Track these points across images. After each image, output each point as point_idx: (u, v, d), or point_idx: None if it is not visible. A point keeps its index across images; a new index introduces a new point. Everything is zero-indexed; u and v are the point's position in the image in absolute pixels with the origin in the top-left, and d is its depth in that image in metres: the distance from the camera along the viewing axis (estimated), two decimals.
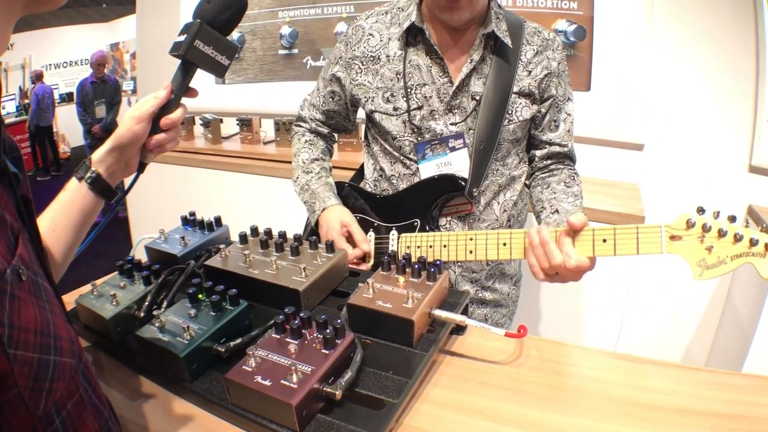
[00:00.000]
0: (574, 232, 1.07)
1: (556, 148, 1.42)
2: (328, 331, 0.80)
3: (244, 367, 0.80)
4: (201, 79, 0.92)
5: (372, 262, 1.34)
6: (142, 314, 1.02)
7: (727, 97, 2.29)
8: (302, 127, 1.59)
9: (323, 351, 0.79)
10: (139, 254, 1.28)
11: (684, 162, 2.40)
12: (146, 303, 1.03)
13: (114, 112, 6.18)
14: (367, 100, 1.38)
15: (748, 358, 1.95)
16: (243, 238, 1.18)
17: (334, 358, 0.78)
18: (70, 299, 1.09)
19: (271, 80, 3.46)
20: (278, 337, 0.84)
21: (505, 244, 1.16)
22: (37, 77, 9.13)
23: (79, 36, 11.36)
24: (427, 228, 1.32)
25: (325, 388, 0.76)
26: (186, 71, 0.92)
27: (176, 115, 0.93)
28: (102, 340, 1.03)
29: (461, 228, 1.38)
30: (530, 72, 1.32)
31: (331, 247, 1.09)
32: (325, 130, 1.58)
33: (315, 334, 0.83)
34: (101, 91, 6.08)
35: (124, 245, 3.64)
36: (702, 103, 2.33)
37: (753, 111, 2.25)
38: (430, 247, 1.25)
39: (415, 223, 1.33)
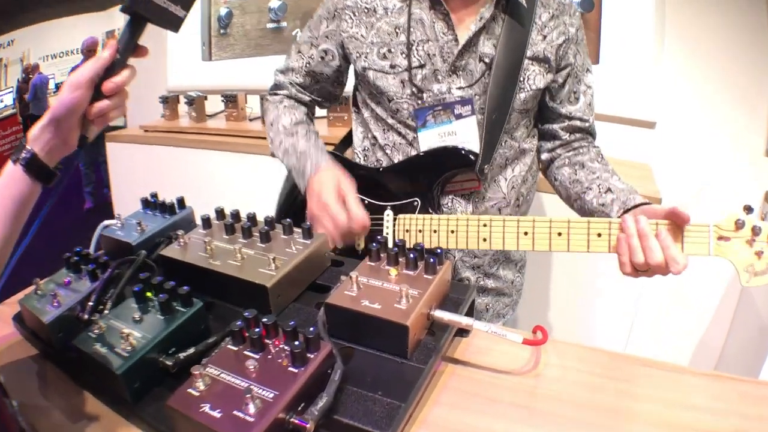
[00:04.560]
0: (677, 228, 0.90)
1: (577, 123, 1.26)
2: (297, 343, 0.61)
3: (189, 390, 0.62)
4: (186, 56, 0.76)
5: (362, 246, 1.15)
6: (86, 317, 0.84)
7: (744, 75, 2.11)
8: (279, 95, 1.39)
9: (291, 369, 0.61)
10: None
11: (698, 143, 2.23)
12: (90, 303, 0.85)
13: None
14: (360, 56, 1.19)
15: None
16: (206, 222, 0.99)
17: (304, 378, 0.60)
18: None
19: (258, 55, 3.29)
20: (235, 349, 0.66)
21: (526, 234, 0.98)
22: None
23: (76, 26, 11.26)
24: (429, 210, 1.14)
25: (292, 419, 0.58)
26: (135, 27, 0.79)
27: (121, 77, 0.80)
28: (47, 348, 0.88)
29: (466, 208, 1.20)
30: (545, 36, 1.16)
31: (308, 231, 0.91)
32: (306, 96, 1.37)
33: (282, 346, 0.65)
34: None
35: None
36: (717, 80, 2.16)
37: None
38: (434, 231, 1.07)
39: (416, 203, 1.15)
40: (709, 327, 2.36)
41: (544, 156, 1.32)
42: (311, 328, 0.62)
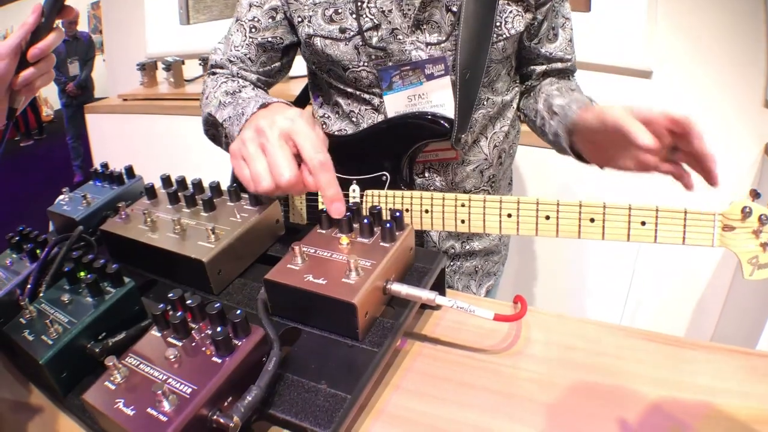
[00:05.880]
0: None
1: (557, 65, 1.12)
2: (219, 329, 0.52)
3: (106, 383, 0.54)
4: (164, 21, 0.65)
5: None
6: (26, 301, 0.74)
7: (743, 24, 1.97)
8: (218, 73, 1.13)
9: (214, 359, 0.52)
10: None
11: (696, 93, 2.10)
12: (29, 286, 0.78)
13: (88, 69, 6.04)
14: (302, 21, 1.02)
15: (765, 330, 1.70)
16: (150, 191, 0.89)
17: (230, 369, 0.51)
18: None
19: None
20: (158, 335, 0.57)
21: (510, 216, 0.86)
22: None
23: None
24: (401, 185, 1.02)
25: (216, 417, 0.49)
26: None
27: (46, 42, 0.77)
28: None
29: (442, 180, 1.08)
30: None
31: (256, 198, 0.81)
32: (251, 74, 1.12)
33: (208, 331, 0.56)
34: (74, 49, 5.88)
35: None
36: (714, 28, 2.02)
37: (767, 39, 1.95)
38: (407, 210, 0.95)
39: (384, 177, 1.03)
40: (705, 296, 2.27)
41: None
42: (238, 311, 0.53)
